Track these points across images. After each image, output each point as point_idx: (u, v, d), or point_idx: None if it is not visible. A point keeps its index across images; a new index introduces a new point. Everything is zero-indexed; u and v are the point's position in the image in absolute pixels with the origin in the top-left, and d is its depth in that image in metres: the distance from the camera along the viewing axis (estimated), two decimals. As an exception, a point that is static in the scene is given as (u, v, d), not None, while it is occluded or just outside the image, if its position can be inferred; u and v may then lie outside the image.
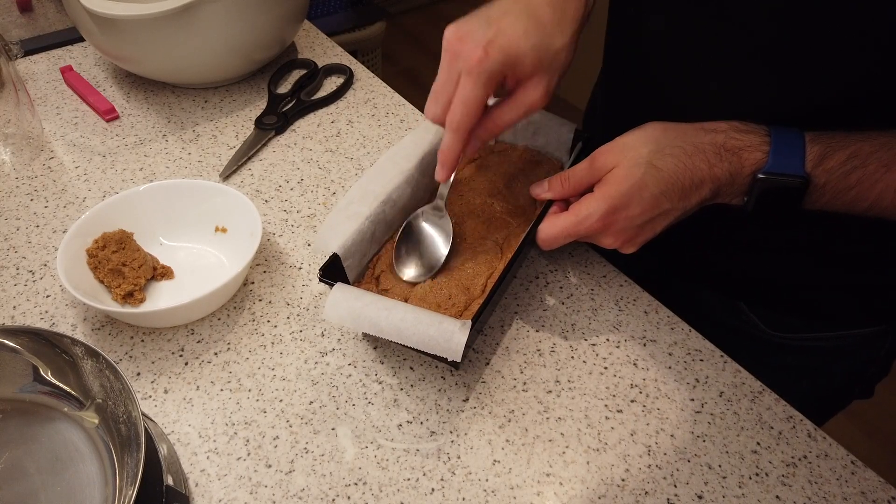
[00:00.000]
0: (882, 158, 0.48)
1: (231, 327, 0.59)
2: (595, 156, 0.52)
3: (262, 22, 0.79)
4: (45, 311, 0.60)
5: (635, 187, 0.49)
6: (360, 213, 0.56)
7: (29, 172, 0.74)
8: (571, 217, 0.51)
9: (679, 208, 0.51)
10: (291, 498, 0.48)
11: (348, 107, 0.84)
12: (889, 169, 0.48)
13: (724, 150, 0.50)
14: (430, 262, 0.58)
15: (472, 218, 0.62)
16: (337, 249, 0.53)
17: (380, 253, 0.59)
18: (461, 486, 0.49)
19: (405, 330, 0.48)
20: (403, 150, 0.61)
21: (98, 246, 0.60)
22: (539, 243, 0.54)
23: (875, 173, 0.48)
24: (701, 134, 0.50)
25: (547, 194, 0.56)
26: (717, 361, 0.57)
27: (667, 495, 0.49)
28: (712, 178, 0.50)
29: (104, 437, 0.46)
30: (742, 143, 0.50)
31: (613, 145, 0.52)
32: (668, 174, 0.49)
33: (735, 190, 0.51)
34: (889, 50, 0.47)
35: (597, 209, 0.50)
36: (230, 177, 0.74)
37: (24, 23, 0.99)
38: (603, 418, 0.53)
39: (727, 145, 0.50)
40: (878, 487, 0.50)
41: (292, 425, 0.52)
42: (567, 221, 0.52)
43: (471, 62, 0.48)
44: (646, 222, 0.51)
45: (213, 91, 0.86)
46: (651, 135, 0.51)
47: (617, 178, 0.50)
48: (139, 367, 0.56)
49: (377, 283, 0.57)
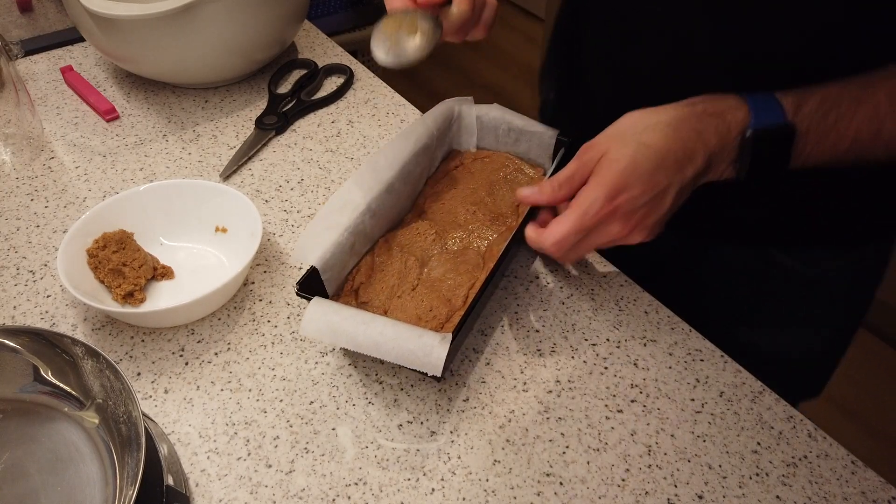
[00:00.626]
0: (851, 95, 0.50)
1: (231, 327, 0.59)
2: (581, 152, 0.52)
3: (263, 22, 0.79)
4: (46, 311, 0.60)
5: (630, 166, 0.49)
6: (340, 223, 0.55)
7: (29, 172, 0.74)
8: (575, 211, 0.50)
9: (676, 182, 0.50)
10: (292, 498, 0.48)
11: (348, 107, 0.84)
12: (860, 102, 0.50)
13: (705, 115, 0.50)
14: (401, 50, 0.54)
15: (453, 227, 0.62)
16: (315, 262, 0.52)
17: (359, 265, 0.58)
18: (461, 486, 0.49)
19: (384, 344, 0.48)
20: (384, 157, 0.60)
21: (98, 246, 0.60)
22: (551, 252, 0.51)
23: (848, 110, 0.50)
24: (679, 108, 0.51)
25: (536, 196, 0.54)
26: (717, 361, 0.57)
27: (667, 495, 0.49)
28: (704, 146, 0.50)
29: (104, 437, 0.46)
30: (721, 106, 0.51)
31: (597, 138, 0.52)
32: (658, 149, 0.49)
33: (726, 156, 0.51)
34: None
35: (597, 195, 0.50)
36: (230, 177, 0.74)
37: (25, 23, 0.99)
38: (603, 418, 0.53)
39: (708, 110, 0.51)
40: (878, 487, 0.50)
41: (292, 425, 0.52)
42: (572, 217, 0.50)
43: None
44: (649, 201, 0.50)
45: (213, 91, 0.86)
46: (632, 120, 0.52)
47: (609, 163, 0.50)
48: (139, 367, 0.56)
49: (356, 296, 0.57)
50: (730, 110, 0.50)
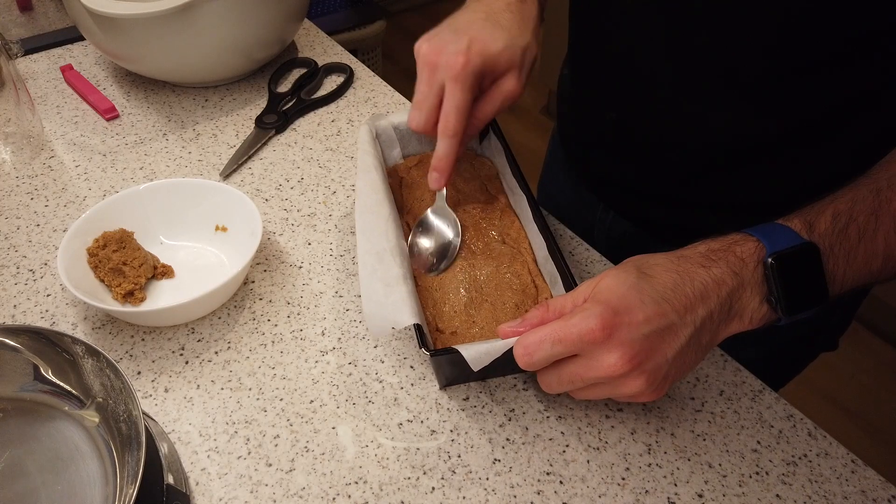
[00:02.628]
0: (864, 208, 0.46)
1: (231, 326, 0.59)
2: (576, 288, 0.47)
3: (263, 21, 0.79)
4: (46, 310, 0.60)
5: (633, 290, 0.43)
6: (397, 274, 0.53)
7: (29, 171, 0.74)
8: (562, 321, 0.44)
9: (688, 323, 0.43)
10: (292, 497, 0.48)
11: (348, 106, 0.84)
12: (877, 215, 0.46)
13: (710, 252, 0.46)
14: (443, 250, 0.59)
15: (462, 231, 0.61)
16: (415, 320, 0.50)
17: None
18: (462, 485, 0.49)
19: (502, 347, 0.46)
20: (369, 198, 0.59)
21: (98, 245, 0.60)
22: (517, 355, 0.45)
23: (868, 223, 0.46)
24: (680, 251, 0.47)
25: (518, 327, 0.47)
26: (717, 360, 0.57)
27: (667, 494, 0.49)
28: (716, 282, 0.44)
29: (105, 435, 0.46)
30: (724, 242, 0.47)
31: (592, 278, 0.46)
32: (662, 282, 0.44)
33: (751, 293, 0.45)
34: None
35: (592, 310, 0.42)
36: (230, 176, 0.74)
37: (25, 22, 0.99)
38: (603, 417, 0.53)
39: (712, 248, 0.46)
40: (878, 486, 0.50)
41: (293, 424, 0.52)
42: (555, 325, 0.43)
43: (455, 69, 0.53)
44: (653, 334, 0.43)
45: (213, 90, 0.86)
46: (629, 263, 0.46)
47: (609, 286, 0.44)
48: (140, 366, 0.56)
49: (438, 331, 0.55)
50: (735, 244, 0.46)
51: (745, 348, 0.56)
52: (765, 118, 0.57)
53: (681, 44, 0.57)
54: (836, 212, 0.46)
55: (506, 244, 0.61)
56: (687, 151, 0.63)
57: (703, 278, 0.44)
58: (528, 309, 0.55)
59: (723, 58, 0.55)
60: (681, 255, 0.46)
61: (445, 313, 0.56)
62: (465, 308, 0.56)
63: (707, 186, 0.64)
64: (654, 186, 0.68)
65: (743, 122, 0.58)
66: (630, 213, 0.73)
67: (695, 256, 0.46)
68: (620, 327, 0.42)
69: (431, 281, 0.58)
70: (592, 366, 0.43)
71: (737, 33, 0.53)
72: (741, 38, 0.53)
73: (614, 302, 0.43)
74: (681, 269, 0.45)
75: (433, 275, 0.59)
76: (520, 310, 0.56)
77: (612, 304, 0.42)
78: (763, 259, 0.45)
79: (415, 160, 0.69)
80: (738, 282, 0.45)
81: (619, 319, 0.42)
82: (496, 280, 0.58)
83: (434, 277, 0.59)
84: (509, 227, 0.62)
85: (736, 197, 0.64)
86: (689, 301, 0.44)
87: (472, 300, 0.56)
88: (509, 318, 0.55)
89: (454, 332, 0.55)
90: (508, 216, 0.63)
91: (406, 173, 0.68)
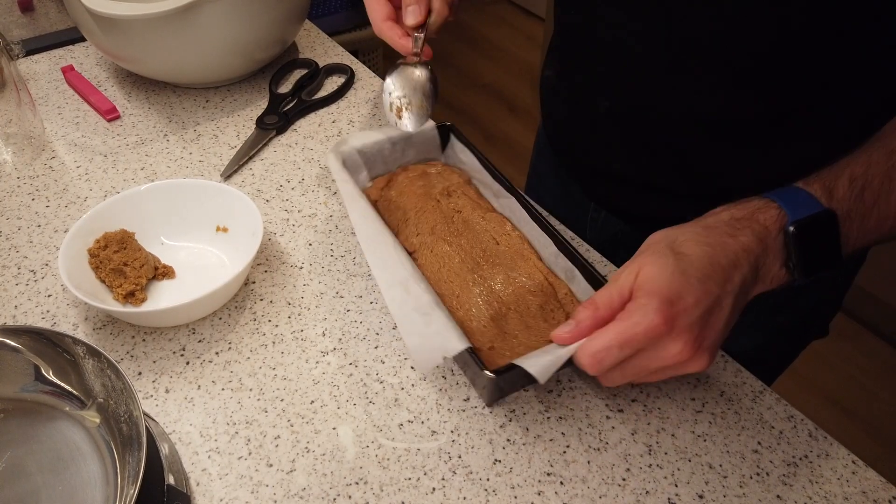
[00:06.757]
0: (878, 171, 0.48)
1: (232, 327, 0.59)
2: (614, 277, 0.47)
3: (263, 22, 0.79)
4: (47, 310, 0.60)
5: (677, 274, 0.44)
6: (429, 301, 0.52)
7: (30, 172, 0.74)
8: (622, 322, 0.44)
9: (729, 292, 0.45)
10: (292, 497, 0.48)
11: (349, 106, 0.84)
12: (891, 178, 0.48)
13: (734, 221, 0.47)
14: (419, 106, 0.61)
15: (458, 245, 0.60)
16: (466, 343, 0.49)
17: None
18: (462, 486, 0.49)
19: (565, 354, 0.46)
20: (369, 227, 0.58)
21: (99, 245, 0.60)
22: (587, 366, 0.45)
23: (882, 186, 0.47)
24: (702, 219, 0.48)
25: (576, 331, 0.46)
26: (717, 361, 0.57)
27: (668, 495, 0.49)
28: (744, 249, 0.46)
29: (105, 436, 0.46)
30: (747, 208, 0.48)
31: (627, 263, 0.47)
32: (699, 256, 0.45)
33: (773, 259, 0.47)
34: None
35: (649, 304, 0.43)
36: (231, 176, 0.74)
37: (26, 22, 0.99)
38: (604, 417, 0.53)
39: (735, 216, 0.47)
40: (879, 487, 0.50)
41: (293, 424, 0.52)
42: (618, 327, 0.44)
43: None
44: (704, 314, 0.44)
45: (214, 91, 0.86)
46: (657, 238, 0.47)
47: (652, 275, 0.44)
48: (140, 367, 0.56)
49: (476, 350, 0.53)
50: (759, 211, 0.47)
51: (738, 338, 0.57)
52: (758, 101, 0.57)
53: (672, 26, 0.56)
54: (853, 175, 0.48)
55: (506, 248, 0.60)
56: (681, 136, 0.62)
57: (733, 247, 0.46)
58: (552, 309, 0.55)
59: (715, 39, 0.55)
60: (706, 224, 0.47)
61: (475, 330, 0.55)
62: (492, 321, 0.55)
63: (701, 172, 0.64)
64: (646, 175, 0.67)
65: (736, 104, 0.58)
66: (622, 208, 0.73)
67: (720, 226, 0.47)
68: (679, 316, 0.43)
69: (450, 301, 0.57)
70: (659, 356, 0.44)
71: (729, 14, 0.53)
72: (734, 19, 0.53)
73: (665, 292, 0.43)
74: (711, 240, 0.46)
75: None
76: (545, 311, 0.55)
77: (664, 294, 0.43)
78: (784, 227, 0.47)
79: (383, 181, 0.67)
80: (763, 248, 0.47)
81: (675, 309, 0.43)
82: (512, 286, 0.57)
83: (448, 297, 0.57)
84: (502, 230, 0.61)
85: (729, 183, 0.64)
86: (726, 272, 0.45)
87: (497, 312, 0.55)
88: (538, 323, 0.55)
89: (491, 348, 0.53)
90: (497, 219, 0.62)
91: (378, 195, 0.66)
